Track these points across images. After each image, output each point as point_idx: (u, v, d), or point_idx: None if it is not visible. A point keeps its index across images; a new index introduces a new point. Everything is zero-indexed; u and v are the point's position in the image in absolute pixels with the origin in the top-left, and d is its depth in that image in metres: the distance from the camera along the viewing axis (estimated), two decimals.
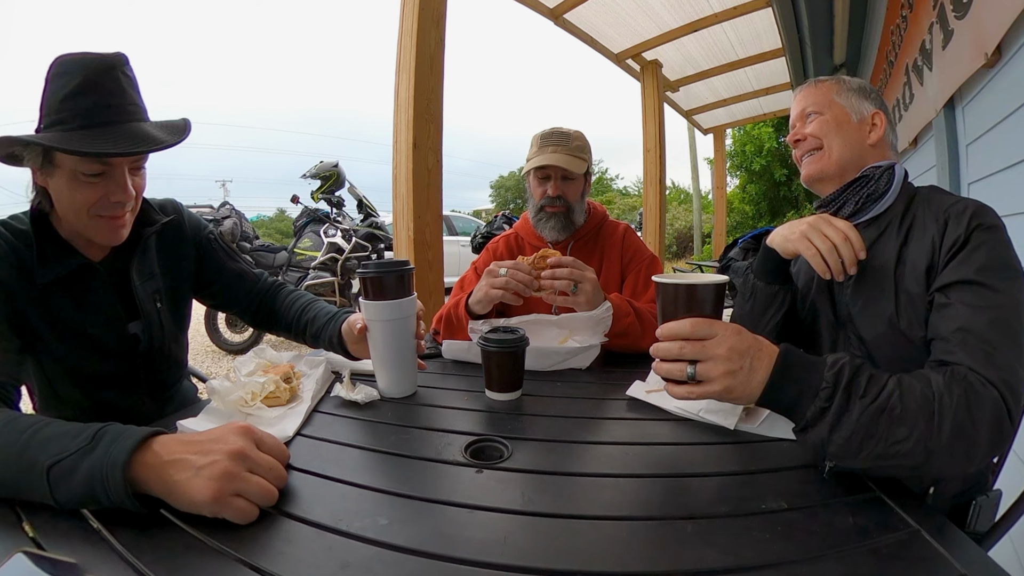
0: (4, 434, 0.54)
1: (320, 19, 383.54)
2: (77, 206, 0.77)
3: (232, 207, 4.36)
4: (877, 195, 0.82)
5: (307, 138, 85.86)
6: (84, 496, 0.50)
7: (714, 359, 0.58)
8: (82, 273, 0.82)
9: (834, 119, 0.87)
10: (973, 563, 0.45)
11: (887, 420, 0.55)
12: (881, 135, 0.86)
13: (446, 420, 0.79)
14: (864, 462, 0.55)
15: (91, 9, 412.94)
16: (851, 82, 0.90)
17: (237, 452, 0.52)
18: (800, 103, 0.92)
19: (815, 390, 0.56)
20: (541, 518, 0.53)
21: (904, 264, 0.77)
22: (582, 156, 1.30)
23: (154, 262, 0.94)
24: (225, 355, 4.18)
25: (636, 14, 4.18)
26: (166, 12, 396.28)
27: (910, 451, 0.54)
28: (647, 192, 5.21)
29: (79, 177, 0.75)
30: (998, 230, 0.72)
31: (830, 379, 0.56)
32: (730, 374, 0.58)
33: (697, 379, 0.59)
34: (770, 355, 0.59)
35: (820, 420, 0.55)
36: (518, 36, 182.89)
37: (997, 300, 0.65)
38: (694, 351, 0.59)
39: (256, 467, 0.53)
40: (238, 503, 0.50)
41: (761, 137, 9.38)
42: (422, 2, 2.09)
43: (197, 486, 0.49)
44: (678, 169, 44.11)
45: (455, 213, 9.48)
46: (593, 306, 1.07)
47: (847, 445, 0.55)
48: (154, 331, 0.92)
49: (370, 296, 0.87)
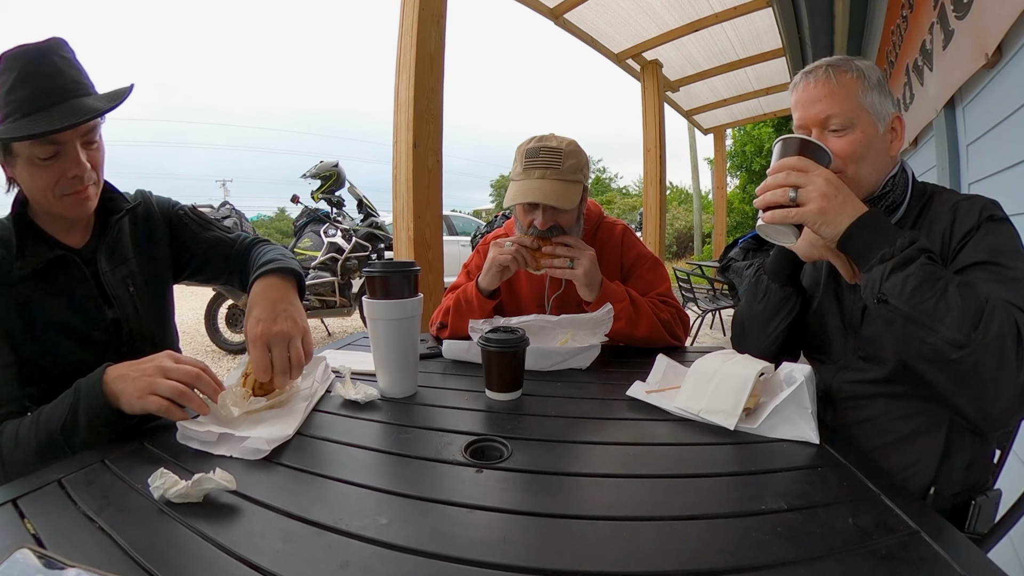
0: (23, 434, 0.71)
1: (320, 19, 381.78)
2: (41, 189, 0.80)
3: (232, 207, 4.36)
4: (895, 207, 0.81)
5: (307, 138, 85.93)
6: (88, 433, 0.68)
7: (814, 184, 0.67)
8: (58, 263, 0.84)
9: (865, 136, 0.76)
10: (973, 564, 0.44)
11: (942, 288, 0.61)
12: (901, 143, 0.80)
13: (446, 420, 0.79)
14: (910, 307, 0.61)
15: (91, 9, 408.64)
16: (870, 73, 0.78)
17: (155, 367, 0.70)
18: (818, 104, 0.78)
19: (893, 239, 0.65)
20: (541, 518, 0.53)
21: None
22: (576, 178, 1.12)
23: (127, 247, 0.94)
24: (225, 355, 4.18)
25: (636, 14, 4.18)
26: (166, 12, 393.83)
27: (952, 336, 0.58)
28: (647, 192, 5.21)
29: (35, 161, 0.78)
30: (1008, 223, 0.73)
31: (907, 236, 0.64)
32: (826, 197, 0.66)
33: (798, 202, 0.68)
34: (861, 204, 0.68)
35: (888, 261, 0.63)
36: (518, 36, 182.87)
37: (1014, 274, 0.67)
38: (799, 176, 0.68)
39: (170, 372, 0.70)
40: (153, 399, 0.68)
41: (761, 137, 9.39)
42: (422, 2, 2.09)
43: (127, 390, 0.68)
44: (678, 169, 44.14)
45: (455, 213, 9.48)
46: (589, 279, 1.10)
47: (903, 284, 0.62)
48: (129, 315, 0.92)
49: (376, 295, 0.87)
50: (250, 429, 0.71)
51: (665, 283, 1.26)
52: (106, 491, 0.57)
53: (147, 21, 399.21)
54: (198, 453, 0.67)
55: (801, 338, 0.94)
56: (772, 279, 0.90)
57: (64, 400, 0.70)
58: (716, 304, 4.55)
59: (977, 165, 1.67)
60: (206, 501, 0.54)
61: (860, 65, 0.79)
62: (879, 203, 0.80)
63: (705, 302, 4.62)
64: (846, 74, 0.77)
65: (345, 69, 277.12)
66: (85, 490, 0.57)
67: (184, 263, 1.04)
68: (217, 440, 0.67)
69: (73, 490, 0.57)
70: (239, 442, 0.66)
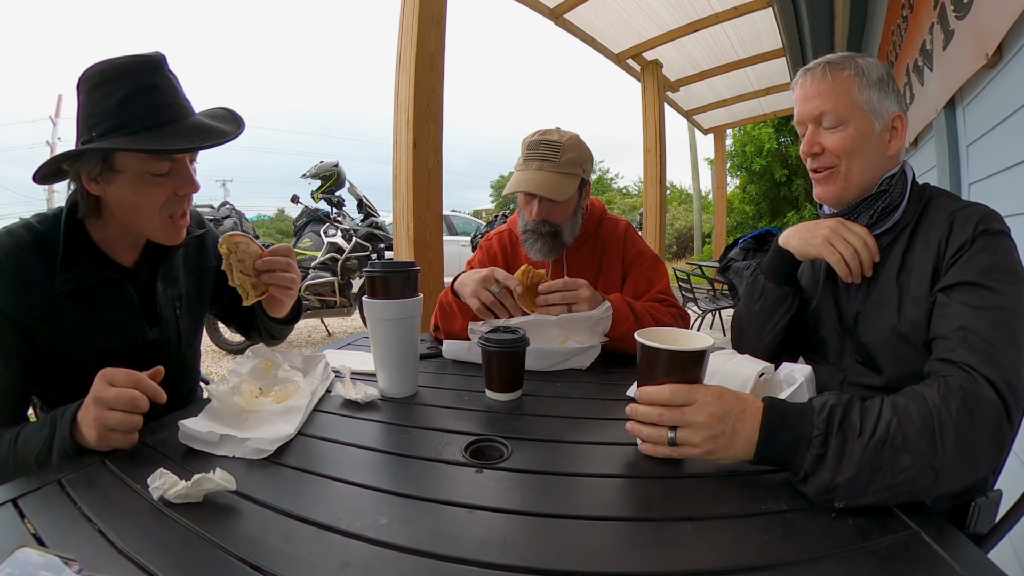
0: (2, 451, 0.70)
1: (320, 19, 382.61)
2: (147, 207, 0.78)
3: (232, 207, 4.36)
4: (892, 207, 0.80)
5: (307, 138, 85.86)
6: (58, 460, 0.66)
7: (694, 426, 0.58)
8: (105, 285, 0.81)
9: (858, 134, 0.76)
10: (973, 565, 0.45)
11: (890, 451, 0.53)
12: (901, 143, 0.78)
13: (446, 420, 0.79)
14: (873, 496, 0.53)
15: (91, 9, 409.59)
16: (870, 70, 0.77)
17: (93, 399, 0.65)
18: (812, 100, 0.79)
19: (808, 439, 0.54)
20: (541, 518, 0.53)
21: (908, 269, 0.76)
22: (573, 171, 1.15)
23: (179, 268, 0.94)
24: (225, 355, 4.18)
25: (636, 14, 4.18)
26: (165, 12, 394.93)
27: (917, 476, 0.53)
28: (647, 192, 5.21)
29: (147, 178, 0.76)
30: (1004, 236, 0.71)
31: (821, 424, 0.55)
32: (711, 439, 0.57)
33: (678, 443, 0.59)
34: (754, 414, 0.58)
35: (820, 467, 0.54)
36: (518, 36, 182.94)
37: (999, 301, 0.65)
38: (673, 417, 0.59)
39: (113, 403, 0.64)
40: (113, 437, 0.64)
41: (761, 137, 9.38)
42: (422, 2, 2.09)
43: (87, 437, 0.65)
44: (678, 169, 44.14)
45: (455, 213, 9.49)
46: (593, 304, 1.08)
47: (854, 484, 0.53)
48: (171, 336, 0.92)
49: (376, 295, 0.87)
50: (252, 429, 0.71)
51: (664, 280, 1.28)
52: (106, 491, 0.57)
53: (147, 21, 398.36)
54: (198, 453, 0.67)
55: (799, 340, 0.94)
56: (768, 278, 0.90)
57: (41, 431, 0.68)
58: (716, 304, 4.55)
59: (977, 165, 1.66)
60: (206, 501, 0.54)
61: (861, 63, 0.78)
62: (874, 202, 0.80)
63: (705, 302, 4.62)
64: (843, 71, 0.77)
65: (345, 69, 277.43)
66: (85, 490, 0.57)
67: (222, 294, 1.05)
68: (219, 441, 0.67)
69: (73, 490, 0.57)
70: (241, 443, 0.66)
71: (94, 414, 0.64)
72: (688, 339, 0.68)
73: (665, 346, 0.63)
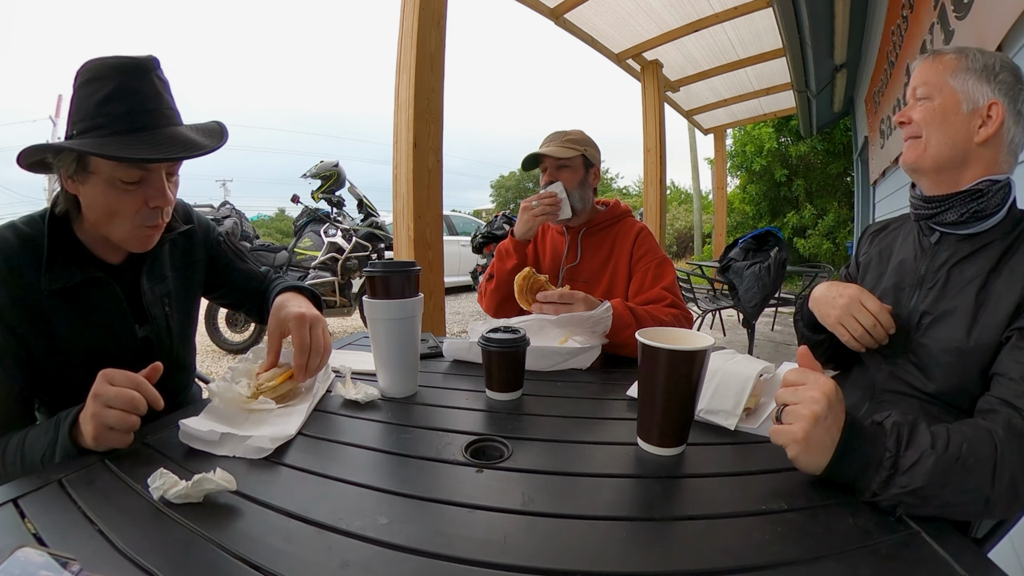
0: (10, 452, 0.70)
1: (320, 19, 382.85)
2: (115, 213, 0.76)
3: (232, 207, 4.36)
4: (984, 214, 0.77)
5: (307, 138, 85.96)
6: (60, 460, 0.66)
7: (805, 401, 0.57)
8: (91, 283, 0.80)
9: (941, 108, 0.78)
10: (973, 565, 0.45)
11: (961, 470, 0.54)
12: (993, 132, 0.75)
13: (446, 420, 0.79)
14: (932, 509, 0.54)
15: (90, 10, 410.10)
16: (976, 59, 0.77)
17: (93, 396, 0.65)
18: (915, 78, 0.83)
19: (879, 462, 0.55)
20: (541, 518, 0.53)
21: (989, 291, 0.74)
22: (574, 147, 1.37)
23: (165, 264, 0.93)
24: (225, 354, 4.18)
25: (636, 14, 4.19)
26: (165, 12, 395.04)
27: (975, 499, 0.55)
28: (647, 192, 5.21)
29: (116, 184, 0.74)
30: None
31: (892, 446, 0.55)
32: (815, 418, 0.56)
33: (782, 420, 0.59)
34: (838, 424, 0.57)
35: (890, 484, 0.54)
36: (518, 36, 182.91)
37: None
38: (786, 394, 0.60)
39: (111, 401, 0.64)
40: (110, 436, 0.64)
41: (761, 137, 9.37)
42: (422, 2, 2.09)
43: (84, 433, 0.65)
44: (678, 169, 44.14)
45: (455, 213, 9.49)
46: (591, 306, 1.10)
47: (921, 494, 0.53)
48: (162, 334, 0.91)
49: (376, 295, 0.87)
50: (252, 428, 0.71)
51: (670, 277, 1.31)
52: (106, 491, 0.57)
53: (146, 21, 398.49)
54: (198, 453, 0.67)
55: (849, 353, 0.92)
56: (805, 326, 0.95)
57: (46, 434, 0.68)
58: (716, 304, 4.55)
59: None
60: (206, 501, 0.54)
61: (970, 51, 0.79)
62: (968, 202, 0.77)
63: (705, 302, 4.61)
64: (946, 55, 0.81)
65: (345, 69, 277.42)
66: (85, 490, 0.57)
67: (214, 287, 1.06)
68: (219, 440, 0.67)
69: (73, 490, 0.57)
70: (241, 441, 0.66)
71: (92, 410, 0.64)
72: (688, 339, 0.68)
73: (665, 345, 0.63)
